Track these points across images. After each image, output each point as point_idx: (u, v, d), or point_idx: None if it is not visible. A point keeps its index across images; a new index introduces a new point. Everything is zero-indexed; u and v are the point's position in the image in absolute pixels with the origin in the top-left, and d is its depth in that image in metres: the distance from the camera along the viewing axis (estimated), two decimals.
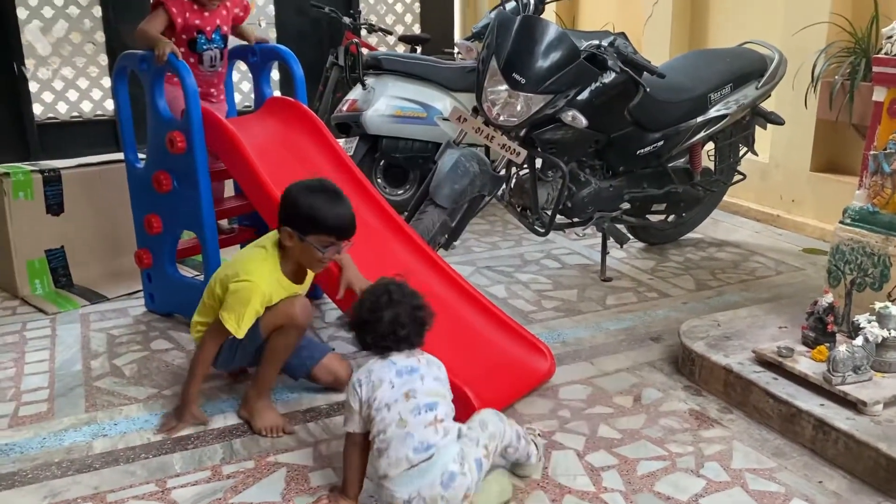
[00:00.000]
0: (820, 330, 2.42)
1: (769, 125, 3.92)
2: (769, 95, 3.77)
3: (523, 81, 2.86)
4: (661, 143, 3.40)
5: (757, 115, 3.83)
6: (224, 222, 3.40)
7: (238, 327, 2.17)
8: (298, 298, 2.29)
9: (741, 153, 3.95)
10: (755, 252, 3.99)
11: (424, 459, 1.76)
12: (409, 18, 7.09)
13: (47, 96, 5.96)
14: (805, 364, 2.32)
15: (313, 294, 3.26)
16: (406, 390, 1.83)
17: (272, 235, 2.30)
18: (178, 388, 2.55)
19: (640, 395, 2.51)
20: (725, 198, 4.22)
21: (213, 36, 3.05)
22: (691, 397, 2.49)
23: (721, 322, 2.77)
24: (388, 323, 1.87)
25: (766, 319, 2.76)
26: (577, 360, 2.76)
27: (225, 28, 3.11)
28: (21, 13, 5.68)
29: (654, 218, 3.86)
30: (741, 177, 4.02)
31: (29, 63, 5.79)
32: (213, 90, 3.19)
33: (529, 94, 2.88)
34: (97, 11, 5.91)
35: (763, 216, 4.52)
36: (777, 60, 3.74)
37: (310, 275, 2.38)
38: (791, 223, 4.35)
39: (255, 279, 2.18)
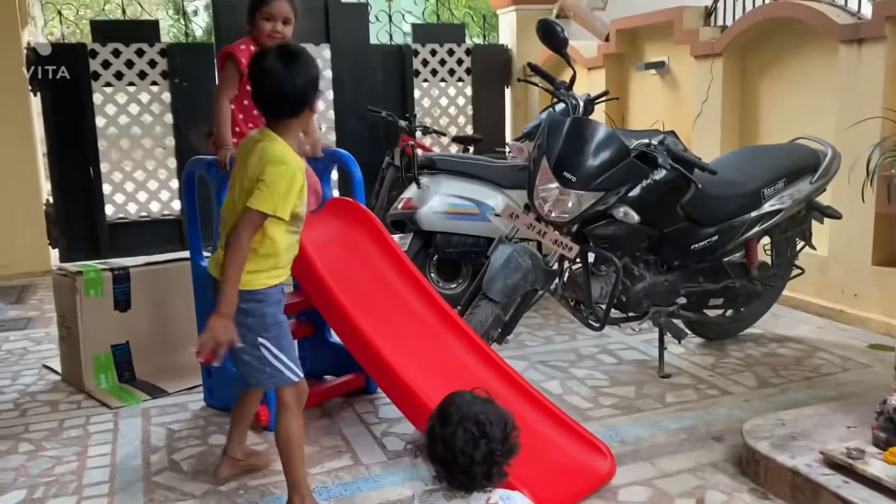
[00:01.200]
0: (891, 430, 2.32)
1: (826, 219, 3.89)
2: (824, 190, 3.76)
3: (574, 179, 2.92)
4: (715, 237, 3.39)
5: (813, 210, 3.81)
6: None
7: (281, 205, 2.14)
8: (301, 386, 2.33)
9: (798, 247, 3.91)
10: (819, 348, 3.87)
11: None
12: (462, 120, 7.33)
13: (119, 198, 6.29)
14: (877, 467, 2.21)
15: (366, 388, 3.29)
16: None
17: (265, 131, 2.25)
18: (233, 484, 2.56)
19: (704, 497, 2.42)
20: (785, 292, 4.15)
21: None
22: (757, 500, 2.39)
23: (786, 421, 2.67)
24: (480, 463, 1.62)
25: (833, 419, 2.66)
26: (637, 461, 2.69)
27: None
28: (99, 121, 6.08)
29: (711, 313, 3.80)
30: (799, 271, 3.96)
31: (103, 167, 6.15)
32: None
33: (580, 192, 2.94)
34: (168, 118, 6.29)
35: (825, 311, 4.41)
36: (830, 155, 3.75)
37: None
38: (855, 318, 4.23)
39: (290, 164, 2.19)
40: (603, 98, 3.44)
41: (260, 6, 2.96)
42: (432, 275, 4.56)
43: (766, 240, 3.81)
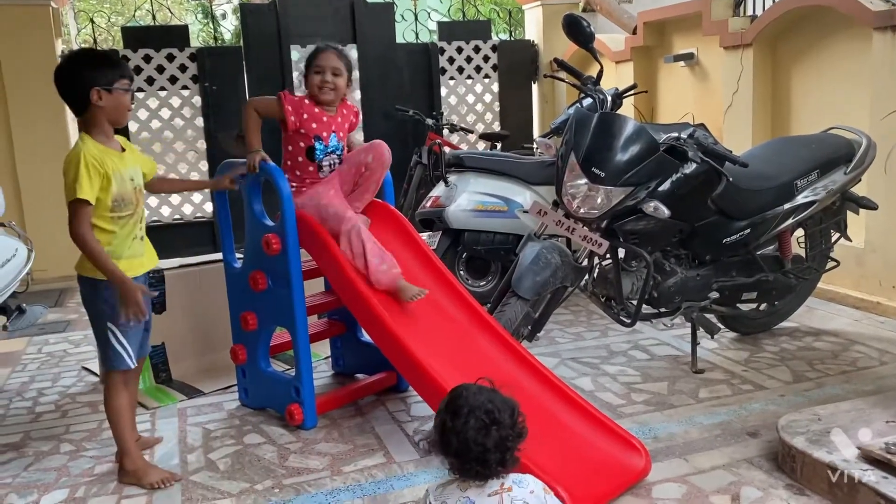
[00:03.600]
0: None
1: (862, 210, 3.82)
2: (859, 180, 3.69)
3: (603, 175, 2.90)
4: (747, 231, 3.35)
5: (848, 201, 3.74)
6: (314, 317, 3.51)
7: (77, 188, 2.42)
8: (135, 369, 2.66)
9: (833, 239, 3.85)
10: (855, 341, 3.81)
11: None
12: (489, 117, 7.32)
13: (152, 201, 6.39)
14: None
15: (398, 386, 3.31)
16: None
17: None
18: (269, 482, 2.60)
19: (739, 494, 2.40)
20: (821, 285, 4.09)
21: (331, 142, 3.05)
22: (794, 497, 2.36)
23: (822, 416, 2.63)
24: (493, 450, 1.68)
25: (871, 413, 2.62)
26: (671, 457, 2.67)
27: (341, 134, 3.09)
28: (132, 126, 6.18)
29: (745, 307, 3.76)
30: (834, 263, 3.89)
31: None
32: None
33: (609, 188, 2.92)
34: (199, 122, 6.37)
35: (862, 303, 4.33)
36: (865, 145, 3.68)
37: (129, 147, 2.78)
38: (892, 310, 4.15)
39: (75, 150, 2.47)
40: (631, 92, 3.42)
41: (311, 61, 3.03)
42: (461, 273, 4.57)
43: (800, 232, 3.76)
